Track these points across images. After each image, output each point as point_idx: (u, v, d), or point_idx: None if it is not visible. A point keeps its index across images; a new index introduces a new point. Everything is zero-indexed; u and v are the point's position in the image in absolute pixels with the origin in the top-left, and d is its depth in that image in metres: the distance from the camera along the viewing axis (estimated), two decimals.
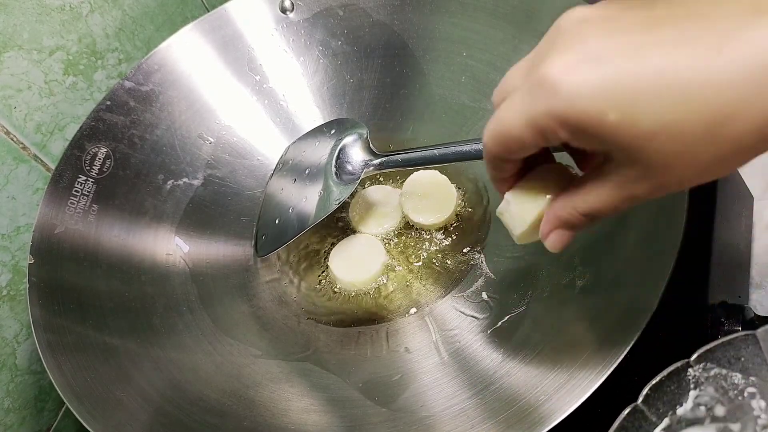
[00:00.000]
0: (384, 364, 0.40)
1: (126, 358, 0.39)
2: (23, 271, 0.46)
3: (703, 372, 0.27)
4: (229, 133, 0.52)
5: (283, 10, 0.53)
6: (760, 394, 0.26)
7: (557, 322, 0.36)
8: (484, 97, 0.49)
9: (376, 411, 0.37)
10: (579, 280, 0.37)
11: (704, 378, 0.27)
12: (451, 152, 0.38)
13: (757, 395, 0.26)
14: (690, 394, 0.27)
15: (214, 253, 0.48)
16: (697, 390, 0.27)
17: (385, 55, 0.53)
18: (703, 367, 0.27)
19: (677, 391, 0.27)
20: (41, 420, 0.48)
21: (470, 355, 0.38)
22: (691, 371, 0.27)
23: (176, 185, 0.49)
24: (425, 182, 0.48)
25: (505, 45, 0.47)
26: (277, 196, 0.49)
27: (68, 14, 0.48)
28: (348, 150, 0.44)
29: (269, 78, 0.54)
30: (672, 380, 0.27)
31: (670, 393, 0.27)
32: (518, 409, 0.32)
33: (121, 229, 0.46)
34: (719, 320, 0.37)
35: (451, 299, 0.43)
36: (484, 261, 0.44)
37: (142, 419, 0.36)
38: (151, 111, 0.49)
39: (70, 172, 0.45)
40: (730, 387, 0.27)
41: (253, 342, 0.43)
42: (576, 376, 0.30)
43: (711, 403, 0.27)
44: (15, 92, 0.45)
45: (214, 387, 0.39)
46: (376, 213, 0.48)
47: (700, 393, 0.27)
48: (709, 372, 0.27)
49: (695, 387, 0.27)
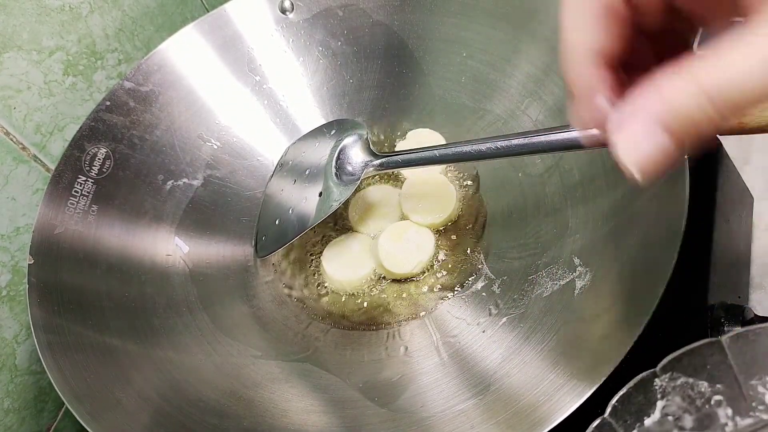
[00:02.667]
0: (384, 364, 0.40)
1: (125, 359, 0.39)
2: (23, 271, 0.46)
3: (669, 381, 0.26)
4: (229, 134, 0.52)
5: (283, 11, 0.53)
6: (726, 402, 0.26)
7: (557, 322, 0.36)
8: (484, 97, 0.49)
9: (376, 411, 0.37)
10: (579, 280, 0.37)
11: (671, 387, 0.26)
12: (451, 152, 0.38)
13: (724, 403, 0.26)
14: (657, 404, 0.26)
15: (214, 253, 0.48)
16: (664, 400, 0.26)
17: (385, 56, 0.53)
18: (669, 376, 0.27)
19: (645, 402, 0.26)
20: (41, 420, 0.48)
21: (470, 355, 0.38)
22: (657, 381, 0.26)
23: (176, 185, 0.49)
24: (425, 182, 0.48)
25: (505, 45, 0.47)
26: (276, 196, 0.49)
27: (68, 14, 0.48)
28: (348, 151, 0.44)
29: (269, 78, 0.54)
30: (639, 391, 0.26)
31: (638, 404, 0.26)
32: (518, 409, 0.32)
33: (121, 230, 0.46)
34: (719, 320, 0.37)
35: (450, 300, 0.43)
36: (484, 261, 0.44)
37: (142, 419, 0.36)
38: (151, 111, 0.49)
39: (69, 173, 0.45)
40: (696, 396, 0.26)
41: (253, 342, 0.43)
42: (576, 376, 0.30)
43: (678, 413, 0.26)
44: (14, 93, 0.45)
45: (213, 387, 0.39)
46: (375, 213, 0.48)
47: (667, 403, 0.26)
48: (675, 381, 0.26)
49: (662, 397, 0.26)
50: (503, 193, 0.46)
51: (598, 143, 0.19)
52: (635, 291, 0.33)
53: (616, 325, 0.31)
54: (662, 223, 0.33)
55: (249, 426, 0.37)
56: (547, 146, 0.34)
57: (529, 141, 0.35)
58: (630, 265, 0.35)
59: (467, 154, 0.37)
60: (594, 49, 0.15)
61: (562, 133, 0.34)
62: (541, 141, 0.34)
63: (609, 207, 0.38)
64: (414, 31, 0.52)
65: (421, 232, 0.45)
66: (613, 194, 0.38)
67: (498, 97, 0.48)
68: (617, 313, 0.32)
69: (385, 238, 0.45)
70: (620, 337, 0.30)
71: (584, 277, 0.37)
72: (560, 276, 0.38)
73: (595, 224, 0.39)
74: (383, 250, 0.44)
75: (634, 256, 0.35)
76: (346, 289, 0.46)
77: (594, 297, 0.36)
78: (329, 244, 0.47)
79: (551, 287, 0.38)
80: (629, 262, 0.35)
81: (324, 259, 0.47)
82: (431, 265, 0.45)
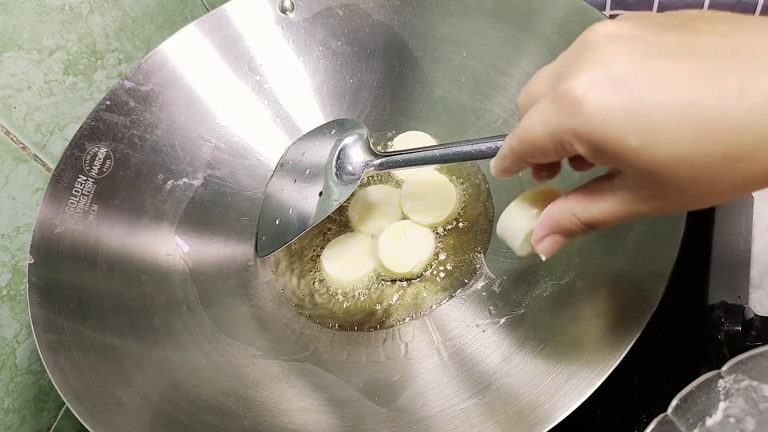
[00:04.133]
0: (384, 364, 0.40)
1: (126, 358, 0.39)
2: (23, 271, 0.46)
3: (733, 383, 0.27)
4: (229, 134, 0.52)
5: (283, 10, 0.53)
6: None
7: (557, 322, 0.36)
8: (484, 97, 0.49)
9: (376, 411, 0.37)
10: (579, 280, 0.37)
11: (735, 389, 0.27)
12: (451, 152, 0.38)
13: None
14: (720, 405, 0.27)
15: (214, 253, 0.48)
16: (727, 401, 0.27)
17: (385, 56, 0.53)
18: (734, 378, 0.27)
19: (707, 402, 0.27)
20: (41, 420, 0.48)
21: (470, 355, 0.38)
22: (721, 382, 0.27)
23: (176, 185, 0.49)
24: (425, 182, 0.48)
25: (505, 45, 0.47)
26: (277, 196, 0.49)
27: (68, 14, 0.48)
28: (348, 150, 0.44)
29: (269, 78, 0.54)
30: (702, 391, 0.27)
31: (700, 404, 0.27)
32: (518, 409, 0.32)
33: (121, 229, 0.46)
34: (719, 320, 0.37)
35: (450, 300, 0.43)
36: (484, 261, 0.44)
37: (142, 419, 0.36)
38: (151, 111, 0.49)
39: (70, 172, 0.45)
40: (760, 399, 0.26)
41: (253, 342, 0.43)
42: (576, 376, 0.30)
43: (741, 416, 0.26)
44: (15, 92, 0.45)
45: (213, 387, 0.39)
46: (376, 213, 0.48)
47: (729, 405, 0.27)
48: (739, 383, 0.27)
49: (725, 398, 0.27)
50: (503, 193, 0.46)
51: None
52: (635, 291, 0.33)
53: (616, 325, 0.31)
54: (662, 224, 0.33)
55: (249, 425, 0.37)
56: None
57: None
58: (630, 265, 0.35)
59: (467, 154, 0.37)
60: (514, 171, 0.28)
61: None
62: None
63: None
64: (414, 31, 0.52)
65: (421, 231, 0.45)
66: None
67: (498, 97, 0.48)
68: (617, 313, 0.32)
69: (385, 238, 0.45)
70: (620, 337, 0.30)
71: (584, 277, 0.37)
72: (560, 276, 0.38)
73: None
74: (383, 250, 0.44)
75: (634, 256, 0.35)
76: (346, 289, 0.46)
77: (594, 297, 0.36)
78: (329, 244, 0.47)
79: (551, 287, 0.38)
80: (629, 262, 0.35)
81: (324, 259, 0.47)
82: (431, 265, 0.45)
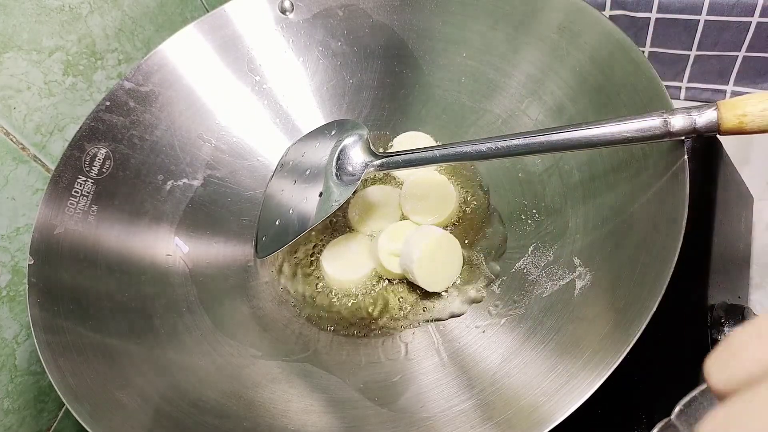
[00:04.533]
0: (384, 365, 0.40)
1: (126, 359, 0.39)
2: (23, 271, 0.46)
3: None
4: (229, 134, 0.52)
5: (282, 11, 0.53)
6: None
7: (557, 322, 0.36)
8: (484, 97, 0.49)
9: (376, 412, 0.37)
10: (579, 280, 0.37)
11: None
12: (451, 152, 0.38)
13: None
14: None
15: (214, 253, 0.48)
16: None
17: (385, 56, 0.53)
18: None
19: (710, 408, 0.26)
20: (41, 421, 0.48)
21: (470, 356, 0.38)
22: None
23: (176, 186, 0.49)
24: (425, 182, 0.48)
25: (505, 45, 0.47)
26: (277, 197, 0.49)
27: (68, 15, 0.48)
28: (348, 151, 0.44)
29: (269, 78, 0.54)
30: (705, 397, 0.26)
31: (703, 409, 0.26)
32: (518, 410, 0.32)
33: (121, 230, 0.46)
34: (719, 320, 0.37)
35: (450, 300, 0.43)
36: (484, 261, 0.44)
37: (142, 420, 0.36)
38: (151, 111, 0.49)
39: (69, 173, 0.45)
40: None
41: (253, 343, 0.43)
42: (576, 376, 0.30)
43: None
44: (14, 93, 0.45)
45: (213, 388, 0.39)
46: (376, 213, 0.48)
47: None
48: None
49: None
50: (503, 194, 0.46)
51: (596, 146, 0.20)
52: (635, 291, 0.32)
53: (616, 325, 0.31)
54: (662, 223, 0.33)
55: (249, 426, 0.37)
56: (547, 146, 0.35)
57: (529, 141, 0.35)
58: (630, 265, 0.34)
59: (467, 154, 0.37)
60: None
61: (562, 133, 0.34)
62: (541, 141, 0.35)
63: (609, 207, 0.38)
64: (414, 31, 0.52)
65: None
66: (613, 194, 0.38)
67: (498, 97, 0.48)
68: (617, 313, 0.32)
69: (385, 238, 0.45)
70: (620, 336, 0.30)
71: (584, 277, 0.37)
72: (560, 276, 0.38)
73: (595, 224, 0.39)
74: (383, 250, 0.44)
75: (634, 256, 0.34)
76: (345, 290, 0.46)
77: (594, 297, 0.36)
78: (329, 244, 0.47)
79: (551, 287, 0.38)
80: (629, 262, 0.35)
81: (324, 260, 0.47)
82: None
